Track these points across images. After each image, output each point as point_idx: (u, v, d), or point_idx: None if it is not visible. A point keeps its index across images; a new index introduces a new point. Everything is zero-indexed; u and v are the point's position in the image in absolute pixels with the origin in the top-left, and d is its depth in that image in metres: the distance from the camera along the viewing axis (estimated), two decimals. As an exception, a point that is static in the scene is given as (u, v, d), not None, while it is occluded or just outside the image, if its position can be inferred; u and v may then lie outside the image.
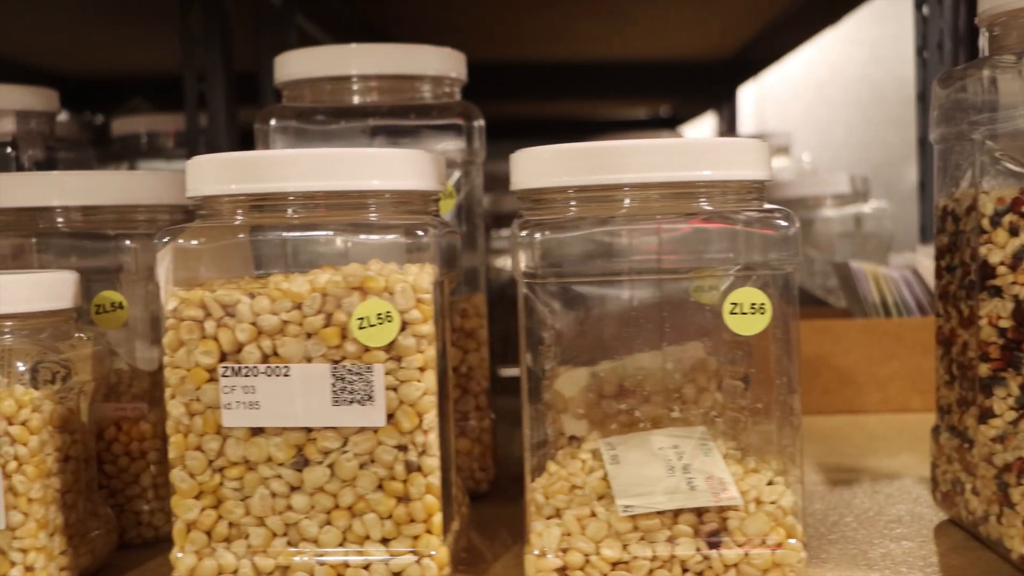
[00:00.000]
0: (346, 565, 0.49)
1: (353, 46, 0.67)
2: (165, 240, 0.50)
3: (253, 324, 0.49)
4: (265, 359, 0.49)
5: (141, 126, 1.05)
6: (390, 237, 0.50)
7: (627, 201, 0.50)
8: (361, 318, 0.48)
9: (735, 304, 0.50)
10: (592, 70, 1.66)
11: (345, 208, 0.51)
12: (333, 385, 0.48)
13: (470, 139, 0.65)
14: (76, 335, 0.53)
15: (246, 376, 0.49)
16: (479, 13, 1.29)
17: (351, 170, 0.50)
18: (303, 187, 0.50)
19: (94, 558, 0.54)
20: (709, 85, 1.70)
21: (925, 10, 1.06)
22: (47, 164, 0.78)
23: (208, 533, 0.50)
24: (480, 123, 0.65)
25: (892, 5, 1.65)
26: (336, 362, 0.48)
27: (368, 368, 0.48)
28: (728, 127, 1.73)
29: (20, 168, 0.76)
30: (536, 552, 0.49)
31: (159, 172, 0.61)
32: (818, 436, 0.83)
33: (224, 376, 0.49)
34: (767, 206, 0.50)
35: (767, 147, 0.51)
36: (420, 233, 0.49)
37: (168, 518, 0.60)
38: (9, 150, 0.77)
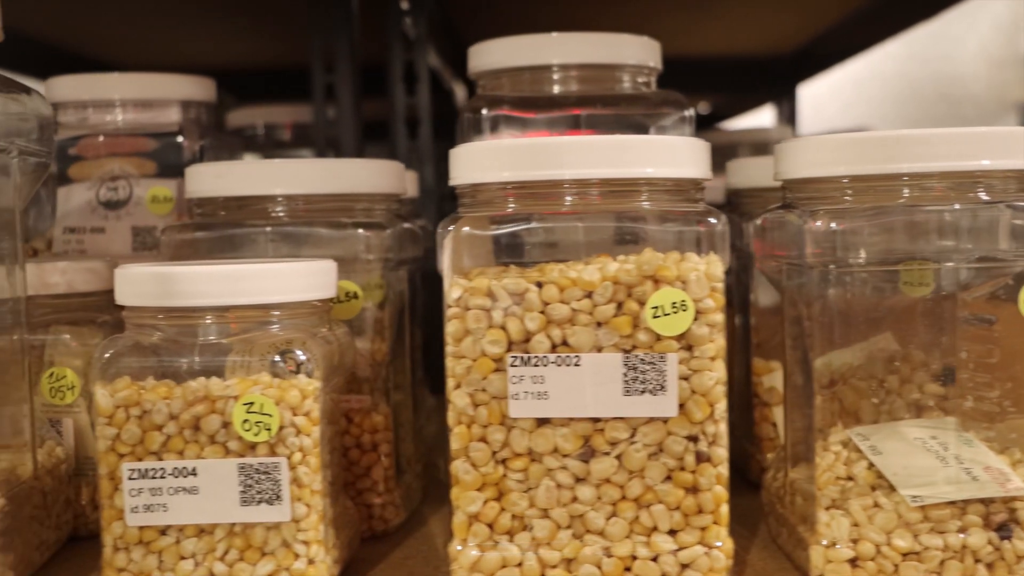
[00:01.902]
0: (633, 557, 0.48)
1: (554, 35, 0.67)
2: (450, 228, 0.49)
3: (542, 313, 0.48)
4: (553, 348, 0.48)
5: (258, 118, 1.04)
6: (682, 226, 0.49)
7: (906, 191, 0.50)
8: (656, 307, 0.47)
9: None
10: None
11: (618, 195, 0.50)
12: (625, 375, 0.48)
13: (683, 129, 0.65)
14: (330, 325, 0.52)
15: (535, 366, 0.48)
16: (561, 7, 1.28)
17: (627, 157, 0.49)
18: (580, 174, 0.49)
19: (350, 551, 0.53)
20: (766, 82, 1.70)
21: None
22: (212, 155, 0.77)
23: (490, 526, 0.49)
24: (692, 112, 0.65)
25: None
26: (627, 351, 0.48)
27: (661, 358, 0.48)
28: (788, 124, 1.73)
29: (193, 159, 0.75)
30: (825, 542, 0.49)
31: (376, 161, 0.60)
32: None
33: (512, 366, 0.48)
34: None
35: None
36: (713, 221, 0.49)
37: (398, 511, 0.59)
38: (180, 139, 0.75)
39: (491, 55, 0.67)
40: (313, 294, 0.50)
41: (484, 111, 0.64)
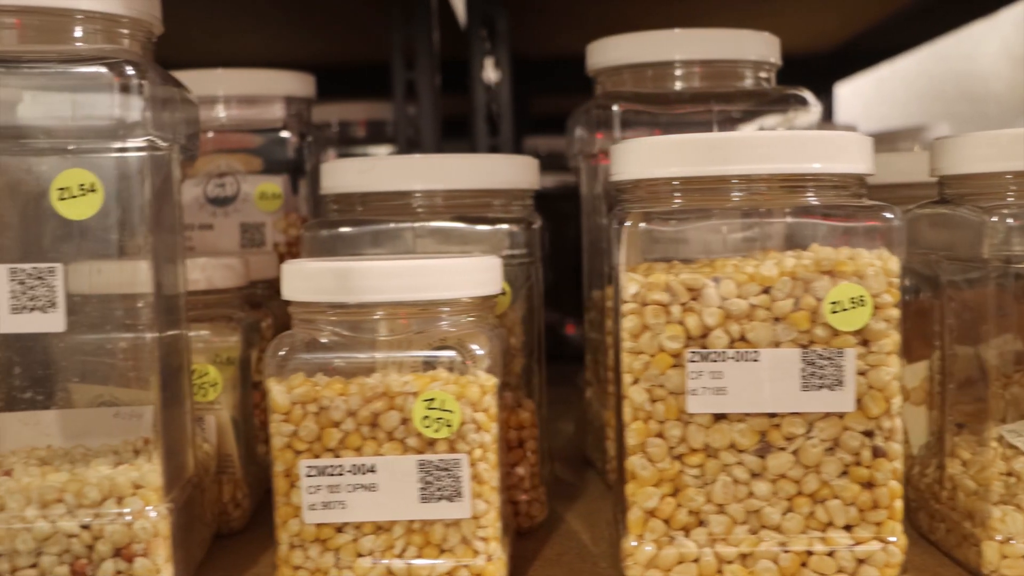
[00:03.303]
0: (809, 552, 0.48)
1: (676, 31, 0.67)
2: (626, 223, 0.49)
3: (720, 308, 0.48)
4: (731, 344, 0.48)
5: (332, 115, 1.04)
6: (858, 222, 0.49)
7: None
8: (834, 302, 0.48)
9: None
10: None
11: (785, 190, 0.50)
12: (803, 370, 0.48)
13: (808, 125, 0.65)
14: (489, 321, 0.52)
15: (714, 361, 0.48)
16: (608, 7, 1.28)
17: (796, 152, 0.49)
18: (750, 170, 0.49)
19: (512, 548, 0.53)
20: (803, 80, 1.70)
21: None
22: (312, 151, 0.77)
23: (666, 521, 0.49)
24: (818, 108, 0.65)
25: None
26: (804, 347, 0.48)
27: (839, 353, 0.48)
28: (824, 123, 1.73)
29: (299, 155, 0.75)
30: (999, 538, 0.49)
31: (514, 156, 0.60)
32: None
33: (691, 361, 0.48)
34: None
35: None
36: (889, 216, 0.49)
37: (543, 507, 0.59)
38: (286, 135, 0.75)
39: (613, 51, 0.67)
40: (482, 290, 0.50)
41: (614, 107, 0.64)
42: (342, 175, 0.59)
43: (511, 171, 0.59)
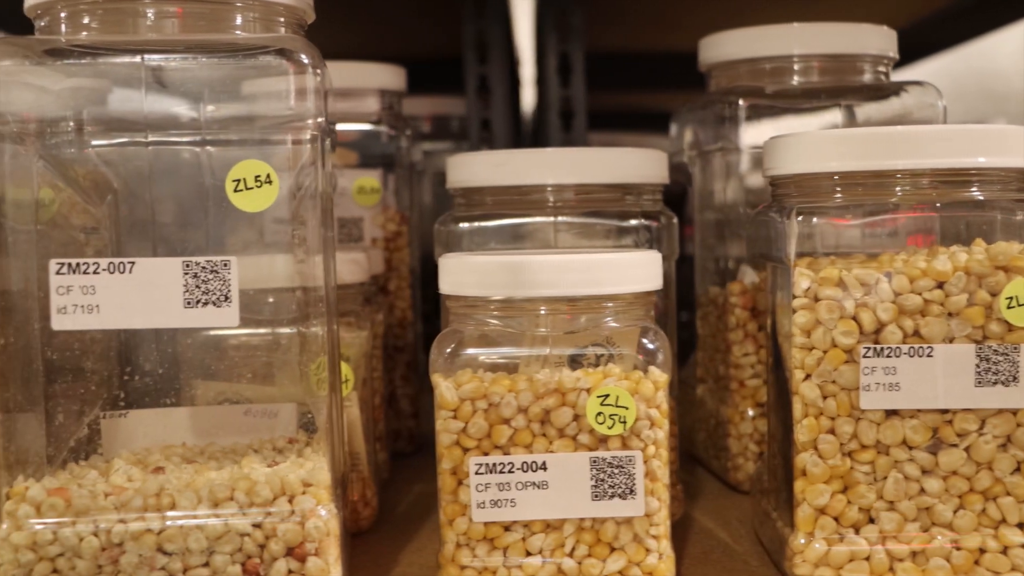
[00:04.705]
0: (982, 550, 0.48)
1: (795, 25, 0.66)
2: (798, 218, 0.48)
3: (894, 303, 0.47)
4: (904, 339, 0.47)
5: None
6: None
7: None
8: (1010, 297, 0.47)
9: None
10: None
11: (948, 185, 0.49)
12: (977, 366, 0.47)
13: (935, 121, 0.65)
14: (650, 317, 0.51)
15: (888, 357, 0.47)
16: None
17: (959, 147, 0.49)
18: (914, 164, 0.48)
19: (665, 546, 0.52)
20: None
21: None
22: (408, 145, 0.76)
23: (836, 519, 0.48)
24: (943, 104, 0.65)
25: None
26: (978, 342, 0.47)
27: (1014, 348, 0.47)
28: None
29: (396, 149, 0.74)
30: None
31: (646, 150, 0.59)
32: None
33: (865, 357, 0.47)
34: None
35: None
36: (1063, 211, 0.49)
37: (681, 504, 0.59)
38: (383, 128, 0.74)
39: (729, 46, 0.67)
40: (646, 285, 0.49)
41: (740, 102, 0.63)
42: (474, 169, 0.58)
43: (643, 165, 0.59)
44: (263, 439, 0.52)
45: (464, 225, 0.57)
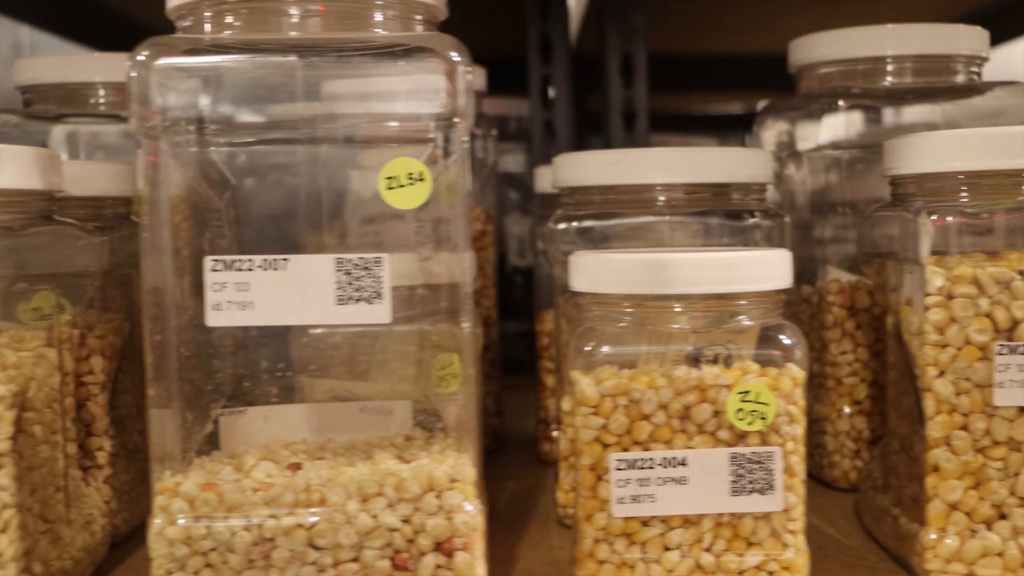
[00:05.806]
0: (1110, 545, 0.48)
1: (889, 26, 0.67)
2: (932, 216, 0.49)
3: (1028, 301, 0.48)
4: (1036, 337, 0.48)
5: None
6: None
7: None
8: None
9: None
10: (753, 61, 1.66)
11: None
12: (1109, 363, 0.48)
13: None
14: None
15: (1022, 354, 0.48)
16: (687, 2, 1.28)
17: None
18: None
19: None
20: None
21: None
22: (492, 144, 0.76)
23: (968, 515, 0.49)
24: (1034, 104, 0.65)
25: None
26: (1110, 340, 0.48)
27: None
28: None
29: (484, 150, 0.74)
30: None
31: (750, 150, 0.59)
32: None
33: (999, 354, 0.48)
34: None
35: None
36: None
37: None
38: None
39: (821, 47, 0.67)
40: (779, 283, 0.50)
41: (841, 102, 0.64)
42: (585, 168, 0.58)
43: (750, 165, 0.59)
44: (380, 436, 0.52)
45: (584, 224, 0.58)
